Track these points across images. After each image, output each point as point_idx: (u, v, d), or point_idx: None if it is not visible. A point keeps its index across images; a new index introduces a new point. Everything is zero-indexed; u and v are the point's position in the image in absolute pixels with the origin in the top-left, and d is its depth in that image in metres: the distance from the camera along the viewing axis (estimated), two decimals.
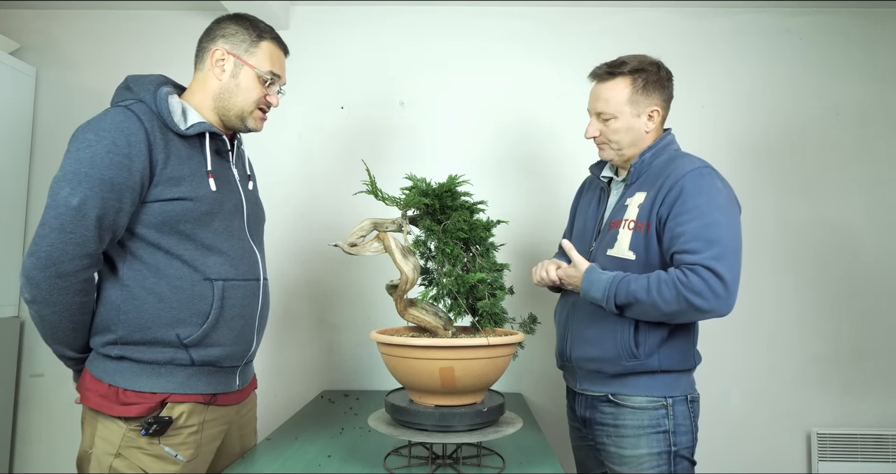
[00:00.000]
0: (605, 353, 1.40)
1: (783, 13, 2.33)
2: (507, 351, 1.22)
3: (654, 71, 1.45)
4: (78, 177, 1.12)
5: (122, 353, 1.20)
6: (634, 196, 1.43)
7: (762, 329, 2.21)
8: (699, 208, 1.31)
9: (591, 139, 1.52)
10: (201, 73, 1.33)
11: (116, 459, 1.18)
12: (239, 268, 1.29)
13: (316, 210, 2.31)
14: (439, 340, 1.17)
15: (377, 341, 1.23)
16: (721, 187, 1.37)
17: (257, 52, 1.32)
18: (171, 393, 1.21)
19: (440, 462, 1.25)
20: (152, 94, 1.23)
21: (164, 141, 1.21)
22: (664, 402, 1.39)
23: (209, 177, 1.26)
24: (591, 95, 1.50)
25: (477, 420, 1.20)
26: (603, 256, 1.45)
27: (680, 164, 1.39)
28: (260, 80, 1.32)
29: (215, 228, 1.26)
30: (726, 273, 1.26)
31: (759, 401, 2.21)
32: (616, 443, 1.42)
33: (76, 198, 1.11)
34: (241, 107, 1.32)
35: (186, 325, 1.22)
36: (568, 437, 1.66)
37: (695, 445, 1.43)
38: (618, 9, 2.34)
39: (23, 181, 2.29)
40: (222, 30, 1.32)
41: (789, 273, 2.24)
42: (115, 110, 1.19)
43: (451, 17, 2.36)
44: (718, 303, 1.26)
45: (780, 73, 2.32)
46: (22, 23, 2.38)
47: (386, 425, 1.24)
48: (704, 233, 1.29)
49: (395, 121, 2.34)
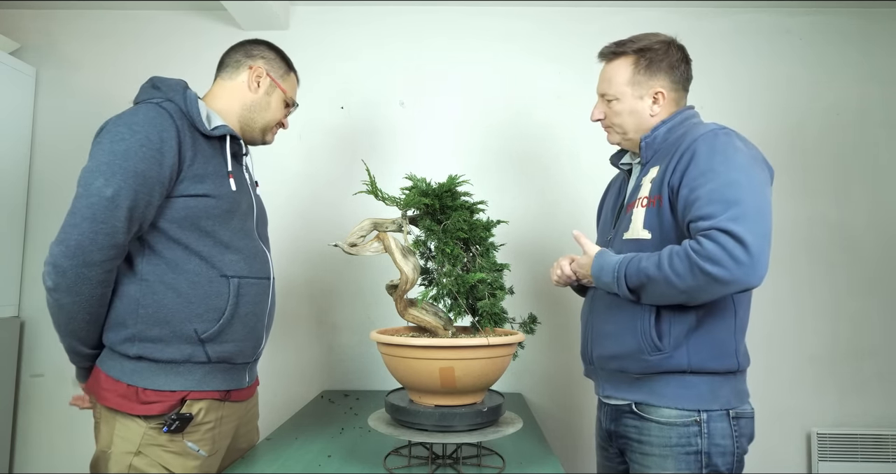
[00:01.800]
0: (625, 348, 1.25)
1: (783, 13, 2.33)
2: (507, 351, 1.22)
3: (662, 50, 1.32)
4: (112, 168, 1.15)
5: (140, 352, 1.22)
6: (649, 172, 1.29)
7: (761, 329, 2.20)
8: (714, 170, 1.13)
9: (598, 122, 1.42)
10: (231, 82, 1.41)
11: (136, 457, 1.20)
12: (253, 267, 1.34)
13: (316, 210, 2.31)
14: (439, 340, 1.17)
15: (377, 341, 1.23)
16: (741, 146, 1.18)
17: (288, 79, 1.47)
18: (190, 390, 1.24)
19: (440, 462, 1.25)
20: (182, 95, 1.29)
21: (192, 139, 1.26)
22: (696, 418, 1.19)
23: (230, 178, 1.32)
24: (599, 76, 1.41)
25: (477, 420, 1.20)
26: (620, 241, 1.31)
27: (693, 131, 1.24)
28: (284, 104, 1.46)
29: (233, 227, 1.31)
30: (747, 234, 1.05)
31: (758, 402, 2.18)
32: (640, 461, 1.25)
33: (110, 189, 1.14)
34: (266, 121, 1.44)
35: (203, 321, 1.24)
36: (569, 437, 1.65)
37: (737, 467, 1.23)
38: (618, 9, 2.34)
39: (23, 181, 2.29)
40: (262, 52, 1.44)
41: (788, 273, 2.24)
42: (147, 106, 1.23)
43: (450, 17, 2.36)
44: (741, 270, 1.05)
45: (780, 73, 2.32)
46: (22, 23, 2.38)
47: (386, 425, 1.24)
48: (721, 194, 1.10)
49: (395, 121, 2.34)
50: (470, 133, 2.33)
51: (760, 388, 2.22)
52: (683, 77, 1.36)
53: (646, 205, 1.26)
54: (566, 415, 2.22)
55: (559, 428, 2.20)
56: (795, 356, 2.23)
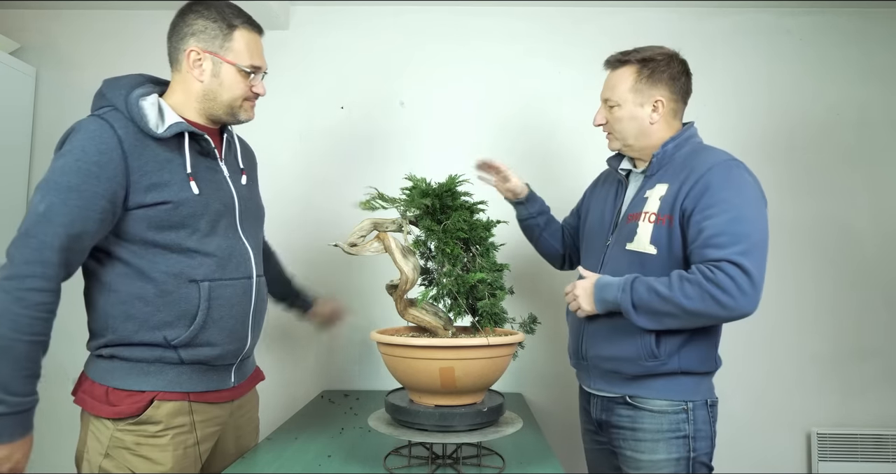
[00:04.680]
0: (624, 353, 1.35)
1: (783, 13, 2.33)
2: (507, 351, 1.22)
3: (665, 62, 1.40)
4: (49, 185, 1.14)
5: (112, 352, 1.22)
6: (655, 187, 1.37)
7: (762, 328, 2.20)
8: (728, 201, 1.25)
9: (600, 127, 1.49)
10: (179, 74, 1.30)
11: (105, 459, 1.20)
12: (226, 268, 1.28)
13: (315, 209, 2.31)
14: (439, 340, 1.17)
15: (377, 341, 1.23)
16: (750, 181, 1.31)
17: (232, 44, 1.27)
18: (159, 391, 1.22)
19: (440, 462, 1.25)
20: (124, 100, 1.21)
21: (141, 146, 1.19)
22: (685, 406, 1.34)
23: (190, 180, 1.24)
24: (604, 82, 1.49)
25: (477, 420, 1.20)
26: (621, 251, 1.39)
27: (706, 157, 1.34)
28: (242, 74, 1.28)
29: (200, 230, 1.25)
30: (753, 269, 1.19)
31: (758, 402, 2.21)
32: (633, 447, 1.37)
33: (43, 205, 1.13)
34: (228, 103, 1.30)
35: (174, 328, 1.22)
36: (568, 437, 1.66)
37: (713, 451, 1.39)
38: (617, 9, 2.34)
39: (23, 181, 2.29)
40: (190, 27, 1.27)
41: (789, 272, 2.24)
42: (89, 120, 1.19)
43: (451, 17, 2.36)
44: (745, 300, 1.19)
45: (780, 73, 2.32)
46: (22, 23, 2.38)
47: (386, 425, 1.24)
48: (732, 227, 1.23)
49: (395, 121, 2.34)
50: (469, 133, 2.33)
51: (760, 388, 2.23)
52: (683, 89, 1.44)
53: (653, 222, 1.34)
54: (566, 415, 2.21)
55: (559, 428, 2.20)
56: (796, 356, 2.23)
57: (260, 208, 1.47)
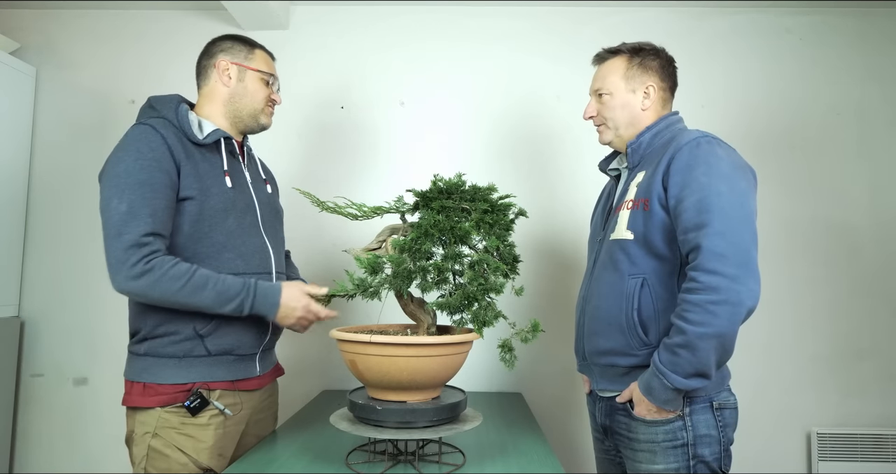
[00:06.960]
0: (615, 344, 1.32)
1: (783, 13, 2.33)
2: (453, 350, 1.23)
3: (654, 53, 1.43)
4: (119, 187, 1.25)
5: (146, 350, 1.34)
6: (636, 177, 1.36)
7: (761, 328, 2.20)
8: (697, 181, 1.20)
9: (590, 120, 1.50)
10: (207, 87, 1.48)
11: (154, 439, 1.32)
12: (250, 263, 1.41)
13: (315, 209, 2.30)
14: (381, 337, 1.18)
15: (335, 338, 1.25)
16: (721, 154, 1.24)
17: (255, 58, 1.50)
18: (195, 382, 1.34)
19: (401, 458, 1.26)
20: (174, 111, 1.38)
21: (181, 146, 1.34)
22: (679, 412, 1.25)
23: (226, 176, 1.40)
24: (592, 77, 1.50)
25: (434, 417, 1.20)
26: (609, 243, 1.38)
27: (680, 139, 1.30)
28: (263, 81, 1.49)
29: (228, 226, 1.38)
30: (730, 248, 1.13)
31: (758, 402, 2.21)
32: (632, 457, 1.32)
33: (124, 204, 1.23)
34: (252, 105, 1.49)
35: (203, 317, 1.33)
36: (569, 437, 1.65)
37: (724, 457, 1.28)
38: (616, 9, 2.34)
39: (23, 181, 2.29)
40: (219, 47, 1.49)
41: (788, 272, 2.24)
42: (133, 127, 1.33)
43: (450, 17, 2.36)
44: (734, 286, 1.11)
45: (780, 73, 2.32)
46: (22, 23, 2.38)
47: (347, 422, 1.26)
48: (702, 207, 1.17)
49: (395, 121, 2.34)
50: (469, 133, 2.33)
51: (760, 388, 2.23)
52: (671, 81, 1.46)
53: (630, 208, 1.33)
54: (566, 415, 2.22)
55: (559, 428, 2.20)
56: (795, 356, 2.23)
57: (278, 212, 1.62)
